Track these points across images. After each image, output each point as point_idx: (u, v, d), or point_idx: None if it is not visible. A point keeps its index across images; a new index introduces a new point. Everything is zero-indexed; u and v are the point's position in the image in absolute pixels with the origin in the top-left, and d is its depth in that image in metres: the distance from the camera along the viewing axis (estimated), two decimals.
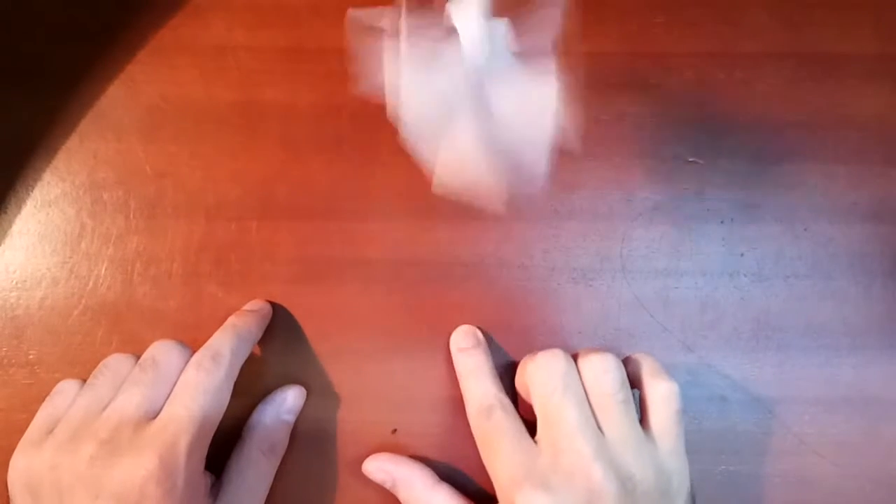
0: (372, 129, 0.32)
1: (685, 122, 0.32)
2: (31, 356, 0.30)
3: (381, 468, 0.28)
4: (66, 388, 0.28)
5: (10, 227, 0.31)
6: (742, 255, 0.31)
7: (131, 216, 0.31)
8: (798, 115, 0.32)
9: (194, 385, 0.25)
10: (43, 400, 0.28)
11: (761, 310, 0.31)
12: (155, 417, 0.25)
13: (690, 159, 0.32)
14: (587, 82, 0.32)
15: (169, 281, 0.30)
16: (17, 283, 0.30)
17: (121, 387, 0.26)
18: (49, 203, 0.31)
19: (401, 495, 0.28)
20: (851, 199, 0.31)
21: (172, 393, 0.26)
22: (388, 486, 0.28)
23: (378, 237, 0.31)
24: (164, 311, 0.30)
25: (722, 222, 0.31)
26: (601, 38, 0.32)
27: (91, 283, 0.30)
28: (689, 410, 0.30)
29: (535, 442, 0.25)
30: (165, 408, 0.25)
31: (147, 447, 0.24)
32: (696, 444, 0.30)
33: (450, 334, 0.30)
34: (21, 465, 0.25)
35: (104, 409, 0.26)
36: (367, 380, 0.30)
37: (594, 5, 0.32)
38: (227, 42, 0.32)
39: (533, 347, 0.30)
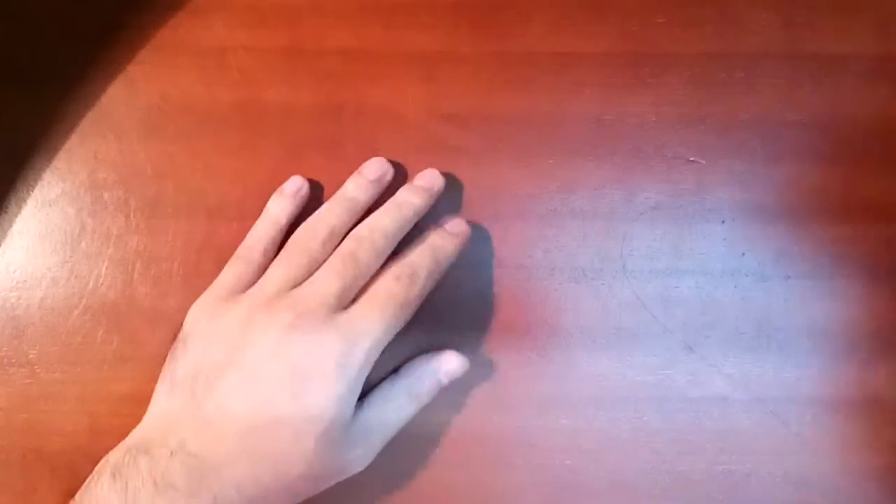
0: (372, 129, 0.32)
1: (685, 122, 0.32)
2: (31, 356, 0.30)
3: None
4: (248, 258, 0.29)
5: (11, 226, 0.31)
6: (743, 254, 0.31)
7: (132, 216, 0.31)
8: (798, 115, 0.32)
9: (388, 294, 0.26)
10: (43, 399, 0.28)
11: (762, 309, 0.31)
12: (345, 309, 0.26)
13: (691, 159, 0.32)
14: (588, 82, 0.32)
15: (170, 281, 0.30)
16: (17, 283, 0.30)
17: (317, 271, 0.27)
18: (49, 203, 0.31)
19: None
20: (852, 198, 0.31)
21: (368, 292, 0.27)
22: None
23: None
24: (165, 310, 0.30)
25: (723, 222, 0.31)
26: (601, 38, 0.32)
27: (91, 283, 0.30)
28: (689, 410, 0.30)
29: None
30: (358, 305, 0.26)
31: (335, 331, 0.25)
32: (696, 444, 0.30)
33: (450, 334, 0.30)
34: (206, 311, 0.27)
35: (294, 287, 0.27)
36: (367, 380, 0.30)
37: (594, 5, 0.32)
38: (227, 42, 0.32)
39: (534, 347, 0.30)
